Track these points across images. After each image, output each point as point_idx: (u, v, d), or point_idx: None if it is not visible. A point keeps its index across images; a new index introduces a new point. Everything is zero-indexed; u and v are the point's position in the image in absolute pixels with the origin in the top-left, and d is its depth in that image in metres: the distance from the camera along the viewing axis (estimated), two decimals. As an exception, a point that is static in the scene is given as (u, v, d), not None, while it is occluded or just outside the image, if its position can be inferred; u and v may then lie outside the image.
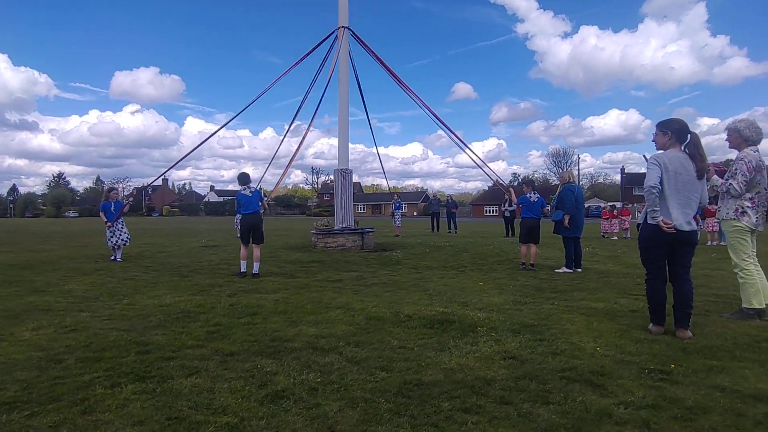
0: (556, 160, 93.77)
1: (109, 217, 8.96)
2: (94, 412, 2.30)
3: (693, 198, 3.65)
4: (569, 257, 7.85)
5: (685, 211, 3.64)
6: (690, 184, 3.63)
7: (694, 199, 3.66)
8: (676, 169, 3.62)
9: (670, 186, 3.62)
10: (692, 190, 3.64)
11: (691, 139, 3.68)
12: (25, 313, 4.44)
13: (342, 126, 12.12)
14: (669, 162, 3.63)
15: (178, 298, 5.22)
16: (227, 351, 3.25)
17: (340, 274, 7.25)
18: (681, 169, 3.62)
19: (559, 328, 3.94)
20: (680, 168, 3.62)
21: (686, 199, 3.63)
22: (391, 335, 3.71)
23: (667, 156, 3.68)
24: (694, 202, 3.67)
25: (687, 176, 3.62)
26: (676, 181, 3.62)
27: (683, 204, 3.63)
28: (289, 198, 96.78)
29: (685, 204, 3.63)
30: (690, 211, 3.66)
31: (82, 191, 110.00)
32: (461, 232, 20.21)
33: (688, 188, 3.63)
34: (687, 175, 3.62)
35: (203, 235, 19.06)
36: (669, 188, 3.63)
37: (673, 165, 3.62)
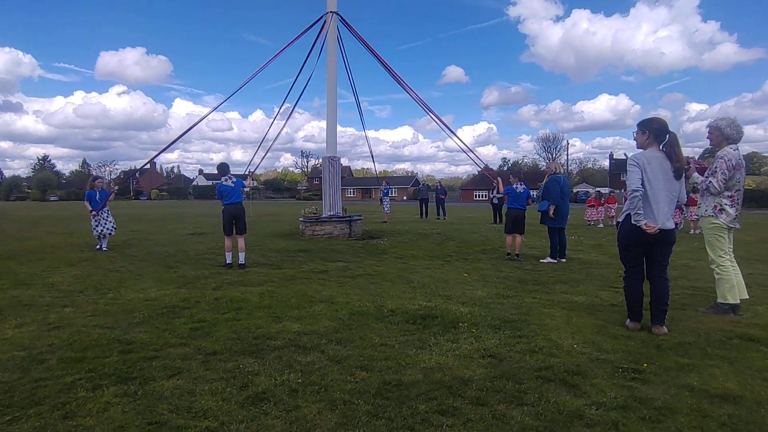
0: (545, 145, 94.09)
1: (94, 206, 8.87)
2: (76, 417, 2.32)
3: (671, 197, 3.72)
4: (554, 247, 8.03)
5: (664, 210, 3.71)
6: (668, 183, 3.69)
7: (672, 198, 3.72)
8: (655, 169, 3.67)
9: (651, 186, 3.68)
10: (671, 189, 3.70)
11: (669, 139, 3.73)
12: (8, 308, 4.42)
13: (330, 113, 12.03)
14: (647, 162, 3.68)
15: (163, 292, 5.22)
16: (210, 350, 3.28)
17: (326, 265, 7.28)
18: (659, 169, 3.68)
19: (539, 323, 4.02)
20: (658, 168, 3.68)
21: (662, 198, 3.69)
22: (373, 331, 3.76)
23: (646, 156, 3.73)
24: (673, 201, 3.74)
25: (665, 176, 3.68)
26: (653, 181, 3.67)
27: (659, 203, 3.70)
28: (279, 182, 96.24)
29: (661, 203, 3.70)
30: (668, 210, 3.73)
31: (68, 174, 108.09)
32: (449, 218, 20.31)
33: (667, 187, 3.69)
34: (665, 175, 3.68)
35: (191, 221, 18.94)
36: (649, 188, 3.69)
37: (652, 165, 3.67)
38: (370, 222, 17.63)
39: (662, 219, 3.69)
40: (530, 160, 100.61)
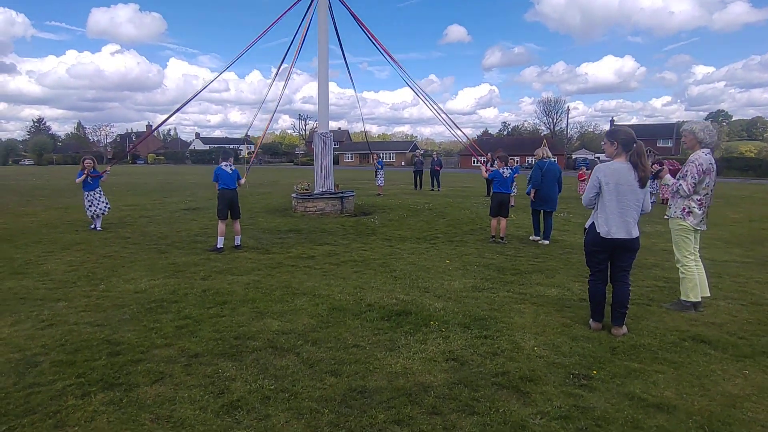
0: (546, 108, 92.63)
1: (86, 188, 8.99)
2: (65, 426, 2.56)
3: (633, 206, 3.86)
4: (535, 228, 8.72)
5: (626, 219, 3.86)
6: (631, 193, 3.83)
7: (634, 207, 3.87)
8: (617, 180, 3.82)
9: (611, 197, 3.83)
10: (633, 199, 3.85)
11: (634, 149, 3.84)
12: (4, 303, 4.64)
13: (322, 91, 11.95)
14: (610, 175, 3.84)
15: (153, 282, 5.44)
16: (193, 352, 3.51)
17: (314, 249, 7.49)
18: (622, 180, 3.82)
19: (507, 322, 4.24)
20: (621, 179, 3.82)
21: (626, 208, 3.84)
22: (348, 330, 3.99)
23: (610, 168, 3.87)
24: (635, 210, 3.88)
25: (627, 186, 3.82)
26: (617, 192, 3.82)
27: (623, 213, 3.85)
28: (277, 145, 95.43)
29: (625, 213, 3.85)
30: (631, 219, 3.88)
31: (63, 137, 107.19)
32: (443, 190, 20.46)
33: (629, 197, 3.83)
34: (628, 185, 3.82)
35: (187, 191, 19.06)
36: (610, 199, 3.84)
37: (614, 177, 3.82)
38: (364, 193, 17.79)
39: (625, 228, 3.86)
40: (530, 125, 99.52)
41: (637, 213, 3.90)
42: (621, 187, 3.81)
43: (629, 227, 3.87)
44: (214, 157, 66.41)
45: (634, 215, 3.88)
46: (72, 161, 71.17)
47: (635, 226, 3.94)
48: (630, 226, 3.87)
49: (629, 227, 3.87)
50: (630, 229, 3.87)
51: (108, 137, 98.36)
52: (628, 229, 3.87)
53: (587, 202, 4.05)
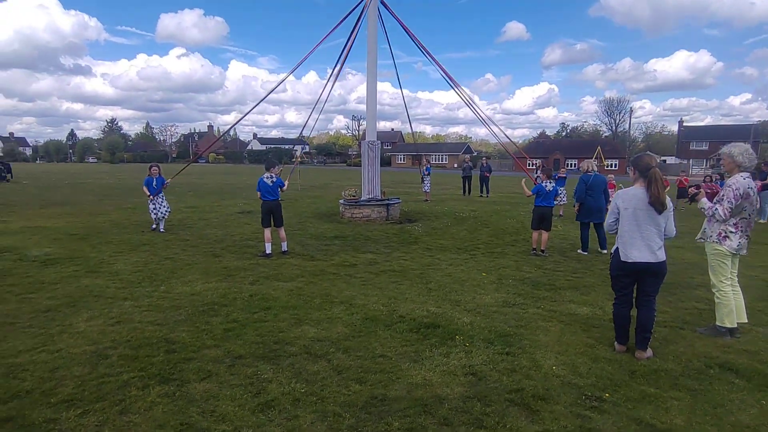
0: (608, 109, 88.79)
1: (151, 191, 9.86)
2: (128, 413, 3.02)
3: (655, 231, 3.90)
4: (583, 241, 8.71)
5: (648, 243, 3.90)
6: (650, 218, 3.88)
7: (656, 232, 3.90)
8: (635, 206, 3.89)
9: (630, 222, 3.91)
10: (654, 224, 3.89)
11: (648, 176, 3.88)
12: (81, 300, 5.31)
13: (370, 101, 12.35)
14: (628, 200, 3.94)
15: (207, 285, 6.00)
16: (237, 354, 3.93)
17: (357, 257, 7.85)
18: (640, 205, 3.89)
19: (531, 339, 4.38)
20: (639, 204, 3.89)
21: (647, 232, 3.89)
22: (378, 340, 4.29)
23: (628, 194, 3.96)
24: (657, 235, 3.91)
25: (646, 211, 3.88)
26: (636, 217, 3.89)
27: (644, 237, 3.90)
28: (330, 146, 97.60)
29: (646, 237, 3.89)
30: (653, 243, 3.91)
31: (133, 136, 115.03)
32: (492, 196, 20.33)
33: (649, 222, 3.88)
34: (646, 210, 3.88)
35: (243, 193, 20.12)
36: (629, 224, 3.91)
37: (632, 203, 3.90)
38: (412, 199, 18.06)
39: (648, 252, 3.90)
40: (591, 126, 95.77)
41: (659, 238, 3.92)
42: (639, 212, 3.88)
43: (653, 251, 3.90)
44: (270, 156, 68.93)
45: (656, 240, 3.91)
46: (141, 160, 76.42)
47: (660, 250, 3.96)
48: (653, 250, 3.91)
49: (653, 251, 3.90)
50: (653, 254, 3.90)
51: (173, 137, 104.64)
52: (651, 253, 3.90)
53: (608, 227, 4.14)
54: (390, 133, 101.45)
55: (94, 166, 66.08)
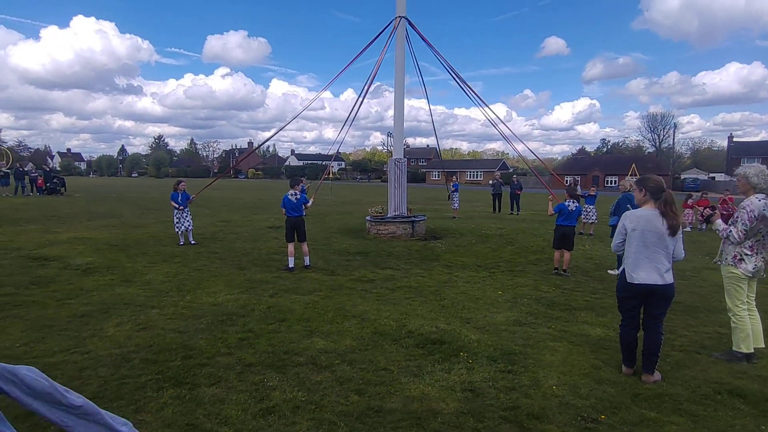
0: (651, 125, 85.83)
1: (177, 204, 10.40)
2: (142, 413, 3.27)
3: (663, 253, 3.87)
4: (619, 260, 8.35)
5: (656, 266, 3.88)
6: (659, 240, 3.85)
7: (663, 254, 3.87)
8: (644, 227, 3.87)
9: (638, 243, 3.89)
10: (662, 246, 3.86)
11: (663, 197, 3.87)
12: (113, 307, 5.71)
13: (397, 119, 12.61)
14: (636, 221, 3.91)
15: (229, 296, 6.30)
16: (247, 362, 4.15)
17: (376, 272, 8.01)
18: (649, 227, 3.86)
19: (536, 358, 4.40)
20: (648, 226, 3.86)
21: (655, 254, 3.86)
22: (383, 354, 4.42)
23: (636, 215, 3.94)
24: (665, 257, 3.88)
25: (654, 233, 3.85)
26: (643, 239, 3.87)
27: (651, 259, 3.87)
28: (366, 162, 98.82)
29: (653, 259, 3.87)
30: (661, 266, 3.89)
31: (178, 152, 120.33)
32: (523, 214, 20.10)
33: (657, 244, 3.86)
34: (654, 232, 3.85)
35: (274, 208, 20.70)
36: (637, 245, 3.90)
37: (640, 224, 3.88)
38: (440, 216, 18.11)
39: (655, 274, 3.87)
40: (633, 142, 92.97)
41: (667, 260, 3.89)
42: (647, 234, 3.86)
43: (660, 273, 3.88)
44: (307, 172, 70.38)
45: (664, 262, 3.88)
46: (184, 174, 79.67)
47: (668, 272, 3.93)
48: (661, 272, 3.88)
49: (660, 273, 3.88)
50: (661, 276, 3.87)
51: (215, 153, 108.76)
52: (659, 275, 3.87)
53: (615, 248, 4.14)
54: (425, 150, 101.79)
55: (140, 180, 69.45)
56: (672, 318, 5.83)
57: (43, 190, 26.66)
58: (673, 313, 6.03)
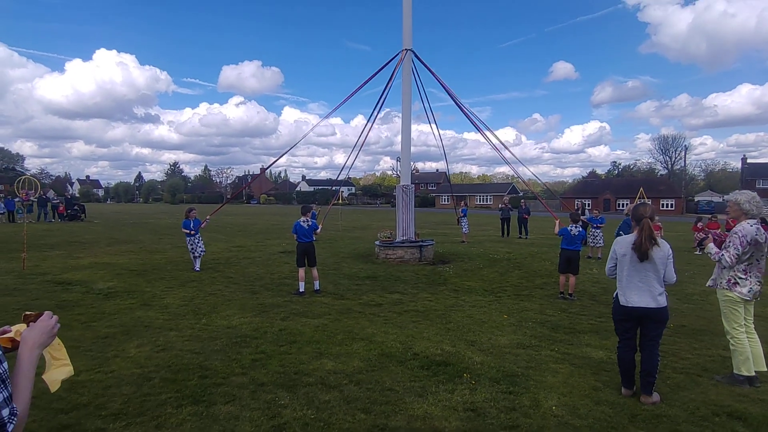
0: (662, 147, 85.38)
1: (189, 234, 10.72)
2: (163, 428, 3.50)
3: (653, 277, 4.05)
4: None
5: (648, 289, 4.05)
6: (648, 264, 4.04)
7: (654, 278, 4.05)
8: (631, 254, 4.06)
9: (628, 267, 4.10)
10: (652, 270, 4.04)
11: (639, 225, 4.08)
12: (134, 329, 5.99)
13: (404, 147, 12.98)
14: (626, 246, 4.13)
15: (243, 319, 6.55)
16: (260, 381, 4.37)
17: (384, 297, 8.22)
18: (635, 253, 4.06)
19: (538, 380, 4.55)
20: (631, 250, 4.06)
21: (646, 278, 4.04)
22: (390, 375, 4.60)
23: (625, 240, 4.16)
24: (656, 281, 4.05)
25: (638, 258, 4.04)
26: (633, 263, 4.07)
27: (644, 283, 4.05)
28: (375, 187, 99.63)
29: (645, 282, 4.05)
30: (653, 289, 4.06)
31: (192, 178, 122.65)
32: (532, 238, 20.17)
33: (647, 268, 4.04)
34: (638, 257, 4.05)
35: (286, 233, 21.05)
36: (628, 270, 4.10)
37: (629, 249, 4.09)
38: (448, 241, 18.28)
39: (648, 297, 4.05)
40: (644, 164, 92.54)
41: (658, 284, 4.06)
42: (635, 258, 4.06)
43: (653, 297, 4.04)
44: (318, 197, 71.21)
45: (655, 285, 4.05)
46: (198, 200, 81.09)
47: (661, 296, 4.09)
48: (654, 295, 4.04)
49: (653, 297, 4.04)
50: (653, 299, 4.04)
51: (228, 179, 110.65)
52: (652, 298, 4.04)
53: (608, 272, 4.34)
54: (434, 174, 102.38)
55: (155, 206, 70.79)
56: (676, 341, 5.94)
57: (64, 217, 27.44)
58: (678, 336, 6.14)
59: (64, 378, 1.53)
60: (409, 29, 12.92)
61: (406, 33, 12.92)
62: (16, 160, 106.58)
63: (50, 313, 1.49)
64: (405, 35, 12.92)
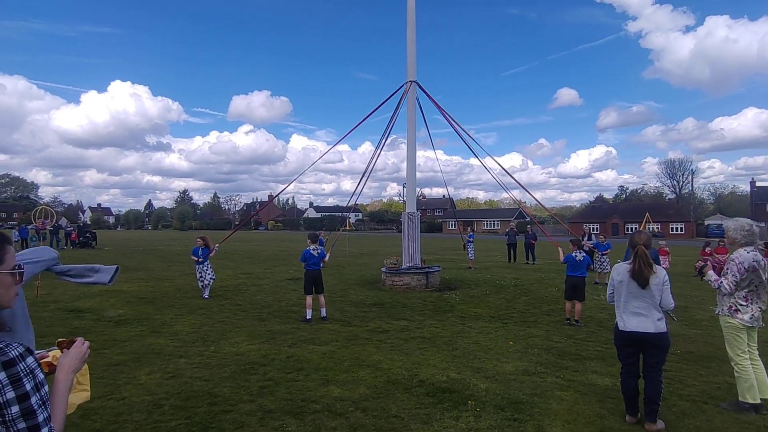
0: (669, 171, 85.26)
1: (197, 262, 10.87)
2: (173, 454, 3.58)
3: (650, 302, 4.12)
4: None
5: (646, 315, 4.11)
6: (645, 290, 4.12)
7: (651, 303, 4.12)
8: (628, 280, 4.16)
9: (625, 293, 4.19)
10: (646, 296, 4.12)
11: (634, 252, 4.18)
12: (144, 356, 6.10)
13: (410, 175, 13.22)
14: (622, 273, 4.24)
15: (251, 346, 6.64)
16: (268, 408, 4.45)
17: (390, 323, 8.27)
18: (630, 279, 4.15)
19: (543, 407, 4.58)
20: (629, 278, 4.16)
21: (643, 304, 4.12)
22: (395, 402, 4.66)
23: (622, 267, 4.27)
24: (653, 306, 4.11)
25: (635, 284, 4.14)
26: (628, 290, 4.17)
27: (642, 308, 4.12)
28: (383, 213, 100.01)
29: (643, 308, 4.12)
30: (650, 314, 4.11)
31: (202, 206, 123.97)
32: (539, 263, 20.13)
33: (644, 294, 4.12)
34: (635, 284, 4.14)
35: (294, 260, 21.20)
36: (626, 296, 4.19)
37: (623, 276, 4.19)
38: (455, 267, 18.30)
39: (646, 323, 4.11)
40: (652, 188, 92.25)
41: (656, 309, 4.12)
42: (632, 284, 4.15)
43: (653, 322, 4.10)
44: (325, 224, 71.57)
45: (653, 311, 4.11)
46: (207, 227, 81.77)
47: (661, 321, 4.13)
48: (653, 320, 4.10)
49: (653, 322, 4.10)
50: (652, 325, 4.09)
51: (236, 206, 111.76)
52: (651, 323, 4.09)
53: (608, 298, 4.42)
54: (441, 200, 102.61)
55: (164, 233, 71.45)
56: (682, 368, 5.94)
57: (76, 244, 27.84)
58: (684, 363, 6.14)
59: (80, 403, 1.65)
60: (413, 62, 13.34)
61: (411, 65, 13.33)
62: (31, 188, 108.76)
63: (82, 339, 1.64)
64: (409, 67, 13.33)
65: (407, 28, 13.38)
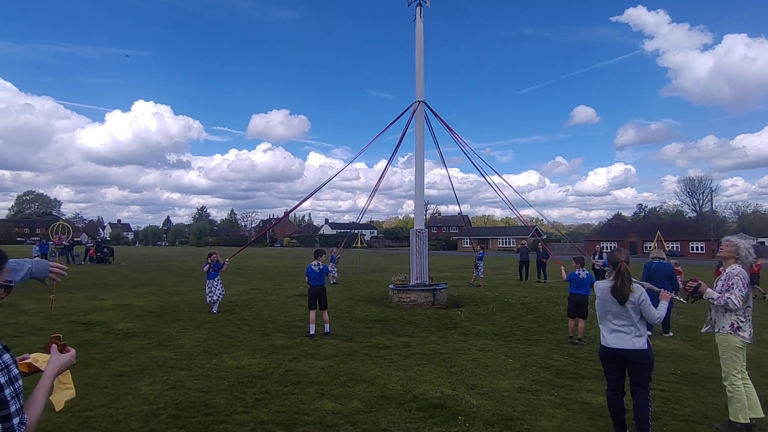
0: (689, 189, 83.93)
1: (208, 277, 11.11)
2: (164, 461, 3.71)
3: (628, 320, 4.12)
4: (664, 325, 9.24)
5: (625, 331, 4.12)
6: (621, 308, 4.14)
7: (629, 320, 4.12)
8: (607, 297, 4.20)
9: (606, 311, 4.22)
10: (624, 314, 4.12)
11: (616, 269, 4.21)
12: (147, 368, 6.28)
13: (418, 191, 13.37)
14: (602, 291, 4.27)
15: (252, 360, 6.77)
16: (261, 420, 4.56)
17: (392, 340, 8.33)
18: (608, 296, 4.20)
19: (532, 424, 4.60)
20: (607, 295, 4.20)
21: (624, 321, 4.13)
22: (386, 416, 4.72)
23: (602, 285, 4.30)
24: (631, 324, 4.12)
25: (613, 302, 4.17)
26: (608, 307, 4.21)
27: (621, 325, 4.14)
28: (398, 230, 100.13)
29: (622, 325, 4.13)
30: (629, 331, 4.11)
31: (219, 222, 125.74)
32: (550, 281, 19.94)
33: (621, 312, 4.14)
34: (612, 301, 4.17)
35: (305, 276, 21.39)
36: (606, 313, 4.22)
37: (605, 294, 4.22)
38: (464, 285, 18.25)
39: (626, 340, 4.12)
40: (671, 206, 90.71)
41: (637, 326, 4.11)
42: (608, 302, 4.18)
43: (631, 339, 4.10)
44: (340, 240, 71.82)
45: (631, 328, 4.11)
46: (223, 243, 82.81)
47: (639, 338, 4.11)
48: (631, 338, 4.11)
49: (631, 339, 4.10)
50: (632, 342, 4.10)
51: (253, 222, 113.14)
52: (629, 340, 4.10)
53: (597, 316, 4.42)
54: (456, 217, 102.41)
55: (181, 249, 72.55)
56: (681, 388, 5.88)
57: (93, 259, 28.50)
58: (684, 383, 6.08)
59: (68, 399, 1.82)
60: (421, 83, 13.62)
61: (419, 86, 13.61)
62: (53, 205, 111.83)
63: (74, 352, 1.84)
64: (418, 88, 13.60)
65: (416, 52, 13.70)
